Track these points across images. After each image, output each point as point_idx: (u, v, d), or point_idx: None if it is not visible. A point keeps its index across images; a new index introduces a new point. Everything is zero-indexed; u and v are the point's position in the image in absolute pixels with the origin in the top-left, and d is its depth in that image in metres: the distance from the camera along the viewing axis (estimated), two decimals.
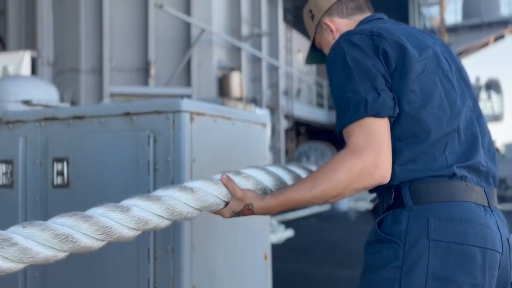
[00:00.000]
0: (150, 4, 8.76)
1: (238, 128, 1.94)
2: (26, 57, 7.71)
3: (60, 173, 1.76)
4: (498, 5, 17.72)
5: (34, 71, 8.29)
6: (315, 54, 1.44)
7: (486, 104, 17.92)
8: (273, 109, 11.40)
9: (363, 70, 1.08)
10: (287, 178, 1.26)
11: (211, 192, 1.11)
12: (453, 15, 18.25)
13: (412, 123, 1.07)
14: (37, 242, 0.83)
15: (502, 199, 11.83)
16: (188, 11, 9.01)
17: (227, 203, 1.15)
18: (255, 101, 10.49)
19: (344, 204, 10.71)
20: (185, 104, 1.61)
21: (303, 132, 16.47)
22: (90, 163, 1.70)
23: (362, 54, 1.10)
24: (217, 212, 1.17)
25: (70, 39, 8.79)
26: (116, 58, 8.85)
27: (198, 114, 1.67)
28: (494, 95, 18.20)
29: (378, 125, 1.05)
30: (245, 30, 10.20)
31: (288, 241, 6.70)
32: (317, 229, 7.77)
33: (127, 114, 1.67)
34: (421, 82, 1.09)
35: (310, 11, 1.37)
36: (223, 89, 9.28)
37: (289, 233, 7.01)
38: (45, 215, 1.80)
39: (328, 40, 1.33)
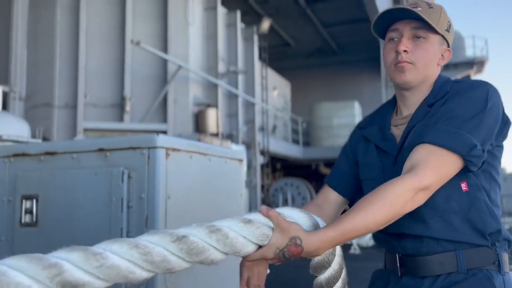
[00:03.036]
0: (126, 41, 8.84)
1: (214, 164, 1.93)
2: None
3: (29, 211, 1.70)
4: (463, 47, 18.66)
5: (5, 106, 8.12)
6: (380, 26, 1.26)
7: None
8: (249, 145, 11.45)
9: (490, 124, 1.12)
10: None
11: (241, 232, 0.92)
12: None
13: (496, 191, 1.18)
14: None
15: None
16: (165, 48, 9.11)
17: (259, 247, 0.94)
18: (231, 137, 10.52)
19: None
20: (161, 140, 1.59)
21: (279, 168, 16.52)
22: (61, 200, 1.65)
23: (500, 111, 1.15)
24: (257, 254, 0.94)
25: (44, 74, 8.72)
26: (91, 94, 8.79)
27: (173, 150, 1.65)
28: None
29: (456, 166, 1.09)
30: (221, 67, 10.36)
31: None
32: (292, 267, 7.65)
33: (101, 150, 1.64)
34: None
35: (450, 24, 1.24)
36: (199, 125, 9.29)
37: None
38: (11, 255, 1.71)
39: (434, 55, 1.22)
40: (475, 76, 19.06)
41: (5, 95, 8.22)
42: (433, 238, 1.15)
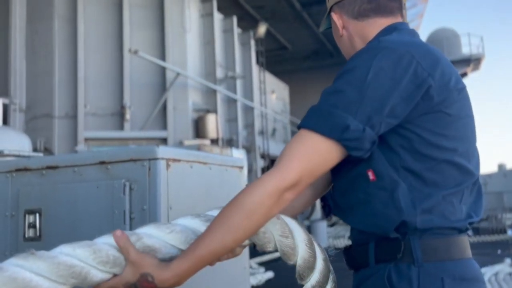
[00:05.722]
0: (124, 50, 8.87)
1: (214, 173, 1.95)
2: None
3: (32, 226, 1.71)
4: (459, 45, 18.72)
5: (5, 118, 8.15)
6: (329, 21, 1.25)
7: None
8: (249, 149, 11.47)
9: (379, 94, 0.91)
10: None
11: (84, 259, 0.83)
12: None
13: (441, 168, 0.96)
14: None
15: (476, 231, 12.01)
16: (162, 56, 9.15)
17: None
18: (231, 141, 10.54)
19: (323, 241, 10.65)
20: (161, 151, 1.61)
21: None
22: (63, 214, 1.67)
23: (392, 76, 0.92)
24: (107, 284, 0.85)
25: (44, 85, 8.76)
26: (90, 103, 8.82)
27: (174, 160, 1.67)
28: None
29: (334, 153, 0.91)
30: (219, 73, 10.39)
31: (268, 282, 6.57)
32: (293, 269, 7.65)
33: (102, 162, 1.65)
34: (455, 127, 0.97)
35: None
36: (199, 131, 9.32)
37: (269, 274, 6.89)
38: None
39: (336, 33, 1.17)
40: (472, 73, 19.11)
41: (5, 107, 8.26)
42: (354, 229, 1.06)
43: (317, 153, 0.90)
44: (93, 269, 0.82)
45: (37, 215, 1.70)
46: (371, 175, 0.97)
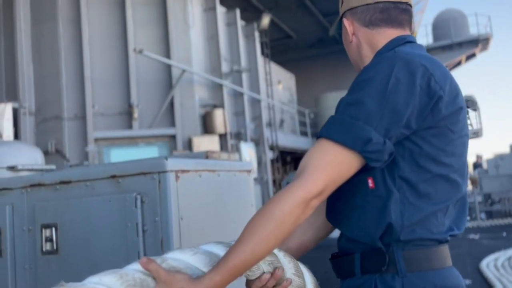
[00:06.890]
0: (129, 49, 8.90)
1: (223, 179, 1.98)
2: (7, 109, 7.70)
3: (49, 240, 1.77)
4: (466, 25, 18.45)
5: (16, 121, 8.26)
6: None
7: None
8: (258, 141, 11.50)
9: (397, 106, 0.95)
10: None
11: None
12: (424, 37, 18.91)
13: (435, 182, 1.00)
14: None
15: (489, 215, 11.96)
16: (167, 53, 9.17)
17: None
18: (239, 135, 10.57)
19: (336, 231, 10.69)
20: (170, 164, 1.65)
21: (289, 161, 16.55)
22: (78, 228, 1.72)
23: (409, 88, 0.95)
24: None
25: (51, 87, 8.83)
26: (98, 104, 8.89)
27: (182, 171, 1.70)
28: (471, 112, 18.63)
29: (355, 164, 0.95)
30: (225, 67, 10.39)
31: None
32: (310, 259, 7.70)
33: (113, 176, 1.70)
34: (455, 144, 1.02)
35: None
36: (207, 126, 9.36)
37: None
38: (35, 283, 1.79)
39: (345, 39, 1.20)
40: (481, 54, 18.85)
41: (15, 111, 8.35)
42: (344, 236, 1.09)
43: (340, 164, 0.95)
44: None
45: (53, 229, 1.75)
46: (370, 183, 1.01)
